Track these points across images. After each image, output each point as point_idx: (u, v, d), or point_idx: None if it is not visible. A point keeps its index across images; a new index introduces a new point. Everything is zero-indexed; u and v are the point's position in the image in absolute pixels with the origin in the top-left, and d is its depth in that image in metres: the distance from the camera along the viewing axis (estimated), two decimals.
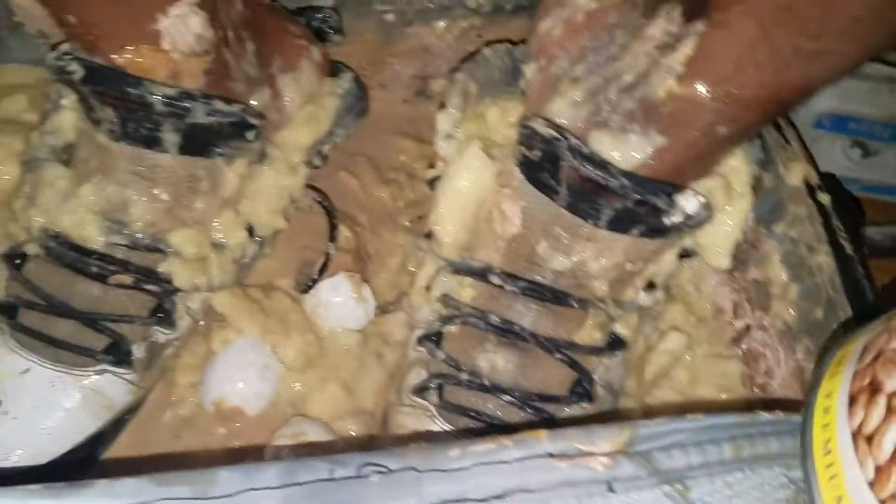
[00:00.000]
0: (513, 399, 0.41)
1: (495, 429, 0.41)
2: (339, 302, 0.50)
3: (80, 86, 0.38)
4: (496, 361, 0.41)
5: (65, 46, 0.40)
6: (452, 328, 0.43)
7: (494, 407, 0.42)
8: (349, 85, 0.50)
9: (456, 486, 0.26)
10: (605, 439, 0.29)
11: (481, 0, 0.56)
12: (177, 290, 0.42)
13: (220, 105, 0.39)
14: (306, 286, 0.50)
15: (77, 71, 0.37)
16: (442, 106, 0.44)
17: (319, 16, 0.51)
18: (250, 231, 0.45)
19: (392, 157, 0.57)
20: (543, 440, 0.28)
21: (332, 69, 0.51)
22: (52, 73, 0.39)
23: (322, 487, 0.25)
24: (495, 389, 0.41)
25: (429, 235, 0.44)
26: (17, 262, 0.41)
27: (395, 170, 0.58)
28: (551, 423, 0.41)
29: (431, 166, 0.59)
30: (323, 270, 0.49)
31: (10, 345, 0.40)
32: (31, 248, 0.41)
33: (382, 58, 0.59)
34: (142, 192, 0.41)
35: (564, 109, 0.40)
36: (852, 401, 0.28)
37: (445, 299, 0.43)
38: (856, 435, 0.27)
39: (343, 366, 0.50)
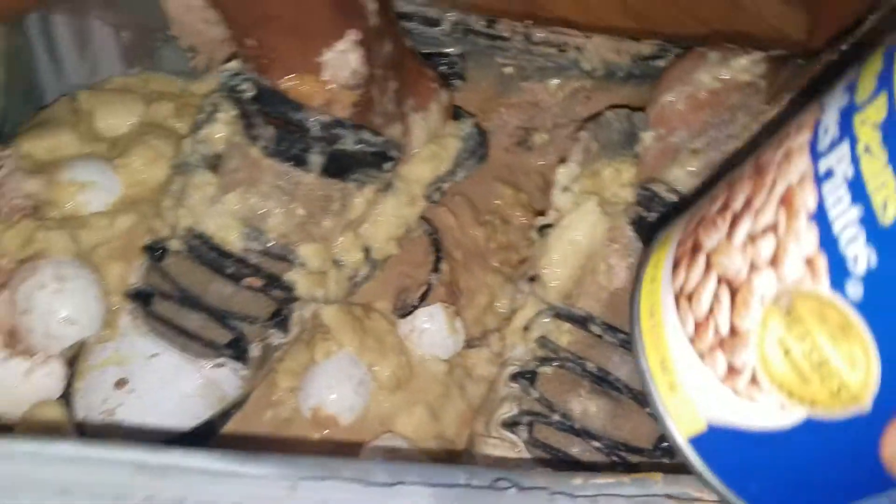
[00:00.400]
0: (600, 445, 0.43)
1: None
2: (433, 330, 0.52)
3: (247, 104, 0.41)
4: (589, 407, 0.44)
5: (233, 66, 0.44)
6: (547, 369, 0.45)
7: (581, 450, 0.44)
8: (470, 130, 0.53)
9: None
10: None
11: (596, 64, 0.59)
12: (296, 299, 0.45)
13: (367, 136, 0.43)
14: (404, 311, 0.52)
15: (248, 91, 0.41)
16: (562, 160, 0.47)
17: (446, 61, 0.55)
18: (366, 253, 0.48)
19: (489, 200, 0.59)
20: (659, 482, 0.30)
21: (455, 113, 0.54)
22: (221, 88, 0.43)
23: (466, 493, 0.27)
24: (585, 433, 0.43)
25: (533, 279, 0.47)
26: (158, 254, 0.45)
27: (490, 213, 0.61)
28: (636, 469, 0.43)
29: (525, 213, 0.62)
30: (423, 298, 0.52)
31: (141, 330, 0.43)
32: (174, 244, 0.45)
33: (493, 106, 0.62)
34: (281, 205, 0.44)
35: (682, 178, 0.43)
36: (675, 265, 0.29)
37: (543, 341, 0.45)
38: (678, 296, 0.28)
39: (430, 391, 0.52)
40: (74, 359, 0.44)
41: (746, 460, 0.26)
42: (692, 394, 0.27)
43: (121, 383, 0.42)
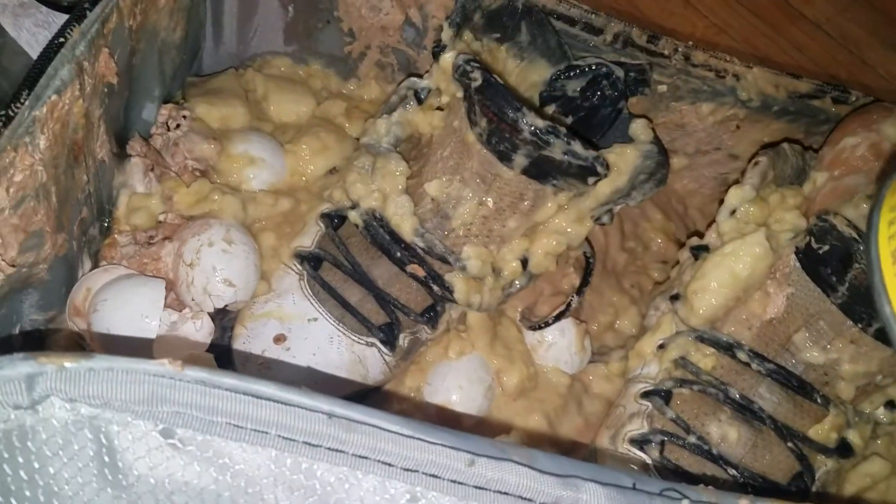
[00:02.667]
0: (736, 474, 0.41)
1: None
2: (562, 346, 0.51)
3: (473, 92, 0.42)
4: (729, 434, 0.42)
5: (465, 55, 0.44)
6: (685, 391, 0.43)
7: (713, 475, 0.42)
8: (650, 147, 0.49)
9: None
10: None
11: (752, 95, 0.57)
12: (451, 300, 0.45)
13: (577, 148, 0.41)
14: (537, 325, 0.51)
15: (477, 80, 0.41)
16: (737, 182, 0.45)
17: (635, 69, 0.53)
18: (524, 264, 0.47)
19: (638, 223, 0.58)
20: None
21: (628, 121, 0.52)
22: (454, 70, 0.43)
23: (638, 497, 0.26)
24: (720, 460, 0.41)
25: (676, 298, 0.45)
26: (336, 223, 0.45)
27: (635, 238, 0.60)
28: None
29: (665, 240, 0.60)
30: (560, 317, 0.50)
31: (305, 292, 0.44)
32: (353, 217, 0.45)
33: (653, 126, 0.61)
34: (476, 194, 0.44)
35: (854, 219, 0.41)
36: None
37: (683, 362, 0.44)
38: None
39: (549, 402, 0.51)
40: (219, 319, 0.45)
41: None
42: None
43: (280, 338, 0.43)
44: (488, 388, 0.49)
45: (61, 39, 0.34)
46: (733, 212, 0.44)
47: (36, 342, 0.37)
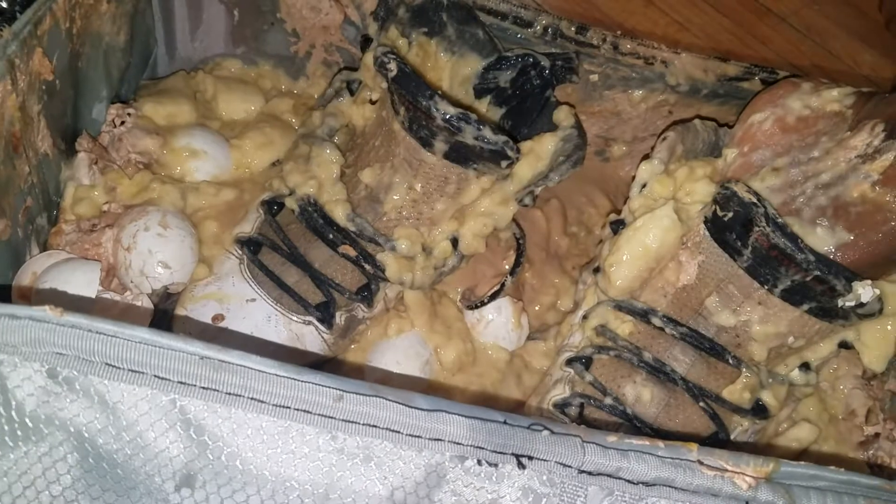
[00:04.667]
0: (649, 433, 0.43)
1: None
2: (500, 323, 0.53)
3: (389, 83, 0.44)
4: (642, 394, 0.43)
5: (383, 48, 0.47)
6: (604, 356, 0.45)
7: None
8: (571, 130, 0.51)
9: (613, 462, 0.28)
10: (751, 465, 0.30)
11: (681, 80, 0.59)
12: (385, 279, 0.47)
13: (487, 133, 0.44)
14: (474, 304, 0.53)
15: (392, 70, 0.44)
16: (646, 157, 0.47)
17: (562, 58, 0.55)
18: (454, 244, 0.49)
19: (584, 208, 0.60)
20: (694, 451, 0.30)
21: (552, 105, 0.55)
22: (374, 62, 0.46)
23: (500, 429, 0.28)
24: (635, 419, 0.43)
25: (597, 270, 0.47)
26: (275, 210, 0.48)
27: (578, 223, 0.62)
28: None
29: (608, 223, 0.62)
30: (495, 296, 0.52)
31: (244, 275, 0.46)
32: (290, 203, 0.48)
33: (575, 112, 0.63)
34: (404, 180, 0.47)
35: (761, 192, 0.43)
36: None
37: (602, 329, 0.45)
38: None
39: (488, 376, 0.53)
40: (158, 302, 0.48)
41: None
42: None
43: (218, 317, 0.45)
44: (426, 363, 0.51)
45: None
46: (643, 186, 0.46)
47: None
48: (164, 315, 0.46)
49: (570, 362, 0.46)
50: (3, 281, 0.41)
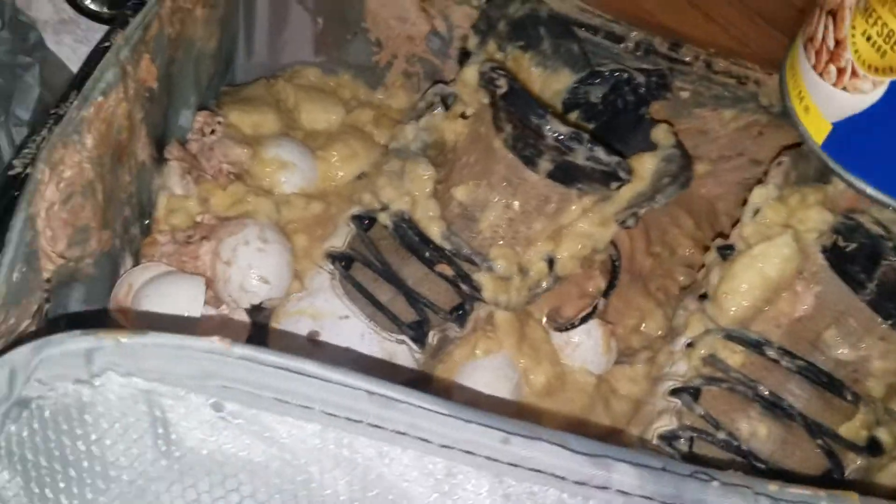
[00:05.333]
0: (765, 470, 0.41)
1: None
2: (589, 345, 0.52)
3: (498, 99, 0.43)
4: (758, 430, 0.42)
5: (491, 63, 0.46)
6: (713, 388, 0.44)
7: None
8: (672, 150, 0.49)
9: None
10: None
11: (774, 101, 0.57)
12: (480, 299, 0.46)
13: (600, 154, 0.42)
14: (564, 326, 0.52)
15: (503, 87, 0.43)
16: (759, 182, 0.46)
17: (656, 74, 0.54)
18: (550, 265, 0.48)
19: (667, 228, 0.59)
20: (856, 501, 0.29)
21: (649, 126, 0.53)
22: (480, 77, 0.45)
23: (670, 479, 0.27)
24: (750, 456, 0.42)
25: (704, 297, 0.46)
26: (366, 224, 0.47)
27: (662, 243, 0.60)
28: None
29: (694, 246, 0.61)
30: (587, 318, 0.51)
31: (337, 291, 0.45)
32: (383, 218, 0.47)
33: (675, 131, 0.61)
34: (502, 198, 0.46)
35: (881, 219, 0.41)
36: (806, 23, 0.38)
37: (712, 359, 0.44)
38: (805, 43, 0.38)
39: (577, 401, 0.52)
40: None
41: (864, 144, 0.35)
42: (819, 106, 0.37)
43: (314, 334, 0.44)
44: (515, 386, 0.50)
45: (107, 44, 0.36)
46: (757, 212, 0.45)
47: None
48: (259, 330, 0.45)
49: (676, 392, 0.45)
50: (103, 292, 0.40)
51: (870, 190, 0.37)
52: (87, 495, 0.24)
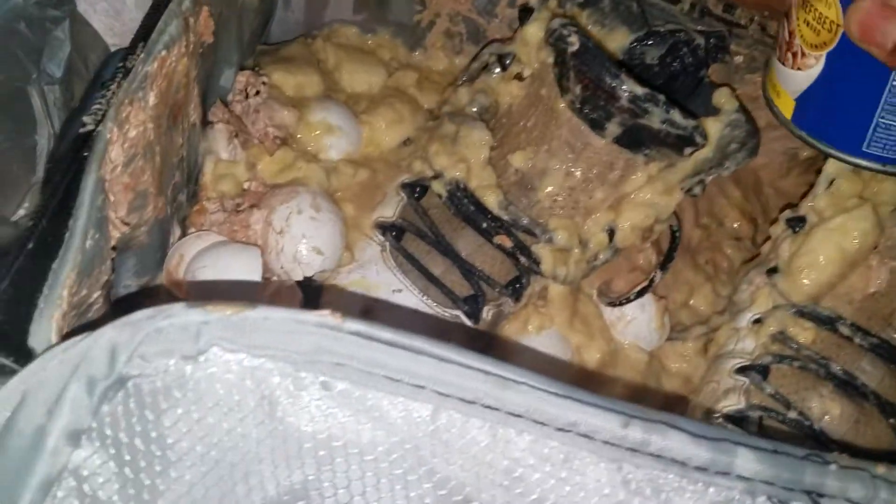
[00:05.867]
0: (838, 451, 0.40)
1: None
2: (643, 321, 0.51)
3: (568, 57, 0.41)
4: (831, 409, 0.41)
5: (562, 20, 0.43)
6: (784, 366, 0.43)
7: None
8: (737, 115, 0.47)
9: None
10: None
11: None
12: (537, 272, 0.45)
13: (677, 116, 0.40)
14: (617, 301, 0.50)
15: (574, 44, 0.41)
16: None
17: (714, 37, 0.52)
18: (610, 236, 0.46)
19: (715, 199, 0.57)
20: None
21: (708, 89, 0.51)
22: (549, 34, 0.42)
23: (789, 462, 0.25)
24: (822, 436, 0.41)
25: (773, 271, 0.44)
26: (418, 193, 0.45)
27: (709, 214, 0.59)
28: None
29: (741, 218, 0.59)
30: (642, 293, 0.50)
31: (388, 263, 0.44)
32: (437, 187, 0.45)
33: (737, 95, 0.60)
34: (563, 164, 0.44)
35: None
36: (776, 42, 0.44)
37: (781, 337, 0.43)
38: (776, 46, 0.44)
39: (629, 379, 0.51)
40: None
41: (817, 110, 0.41)
42: (785, 87, 0.43)
43: (368, 309, 0.43)
44: (567, 364, 0.49)
45: None
46: (832, 182, 0.43)
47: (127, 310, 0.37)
48: (310, 302, 0.43)
49: (743, 370, 0.44)
50: (153, 263, 0.38)
51: (831, 151, 0.41)
52: (186, 477, 0.22)
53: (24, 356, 0.23)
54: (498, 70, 0.46)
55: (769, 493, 0.25)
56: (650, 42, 0.51)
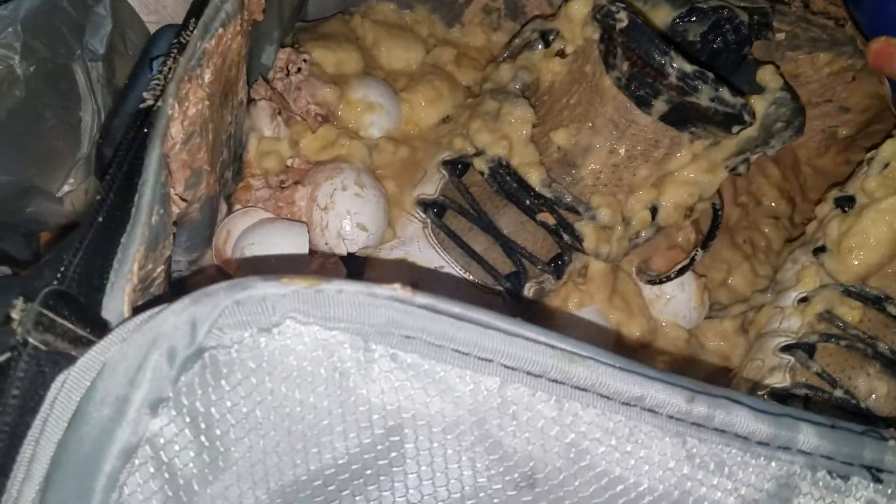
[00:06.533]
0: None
1: None
2: (682, 299, 0.51)
3: (616, 34, 0.41)
4: (878, 388, 0.41)
5: None
6: (829, 345, 0.43)
7: None
8: (782, 93, 0.47)
9: None
10: None
11: None
12: (579, 249, 0.45)
13: (726, 94, 0.40)
14: (657, 279, 0.50)
15: (623, 21, 0.41)
16: (890, 135, 0.44)
17: (758, 13, 0.51)
18: (653, 214, 0.46)
19: (754, 178, 0.57)
20: None
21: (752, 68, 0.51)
22: (596, 10, 0.42)
23: (849, 437, 0.26)
24: (868, 415, 0.41)
25: (821, 251, 0.44)
26: (459, 170, 0.45)
27: (748, 193, 0.59)
28: None
29: (778, 198, 0.59)
30: (683, 271, 0.50)
31: (430, 240, 0.44)
32: (479, 164, 0.45)
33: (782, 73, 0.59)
34: (607, 142, 0.44)
35: None
36: None
37: (828, 316, 0.43)
38: None
39: (668, 356, 0.51)
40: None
41: None
42: None
43: (411, 284, 0.43)
44: (605, 342, 0.49)
45: None
46: (887, 165, 0.43)
47: (176, 286, 0.38)
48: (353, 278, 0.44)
49: (788, 348, 0.44)
50: (202, 239, 0.39)
51: None
52: (260, 445, 0.23)
53: (100, 328, 0.23)
54: (541, 46, 0.46)
55: (830, 467, 0.26)
56: (693, 19, 0.50)
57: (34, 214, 0.43)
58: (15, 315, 0.22)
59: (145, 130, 0.28)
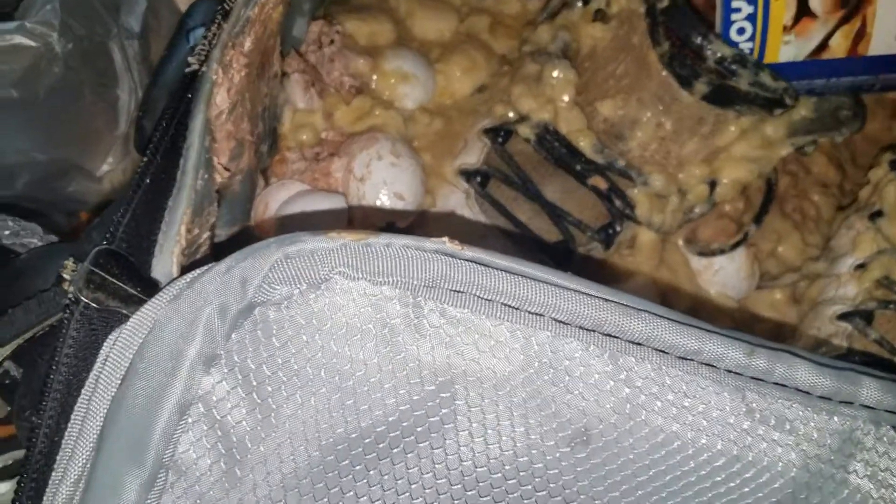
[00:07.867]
0: None
1: None
2: (731, 270, 0.51)
3: (658, 14, 0.41)
4: None
5: None
6: (888, 311, 0.42)
7: None
8: None
9: None
10: None
11: None
12: (631, 218, 0.45)
13: (766, 79, 0.40)
14: (709, 251, 0.50)
15: (663, 1, 0.41)
16: None
17: None
18: (711, 188, 0.46)
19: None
20: None
21: None
22: None
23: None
24: None
25: (878, 215, 0.44)
26: (502, 138, 0.45)
27: (797, 161, 0.58)
28: None
29: (827, 166, 0.58)
30: (737, 245, 0.49)
31: (473, 210, 0.44)
32: (524, 131, 0.45)
33: None
34: (653, 116, 0.44)
35: None
36: None
37: (887, 282, 0.42)
38: None
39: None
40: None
41: None
42: None
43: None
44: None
45: None
46: None
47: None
48: None
49: (845, 316, 0.43)
50: (242, 212, 0.40)
51: None
52: (311, 401, 0.23)
53: (150, 287, 0.24)
54: (580, 4, 0.46)
55: (893, 422, 0.25)
56: None
57: (75, 194, 0.44)
58: (66, 275, 0.23)
59: (189, 96, 0.29)
